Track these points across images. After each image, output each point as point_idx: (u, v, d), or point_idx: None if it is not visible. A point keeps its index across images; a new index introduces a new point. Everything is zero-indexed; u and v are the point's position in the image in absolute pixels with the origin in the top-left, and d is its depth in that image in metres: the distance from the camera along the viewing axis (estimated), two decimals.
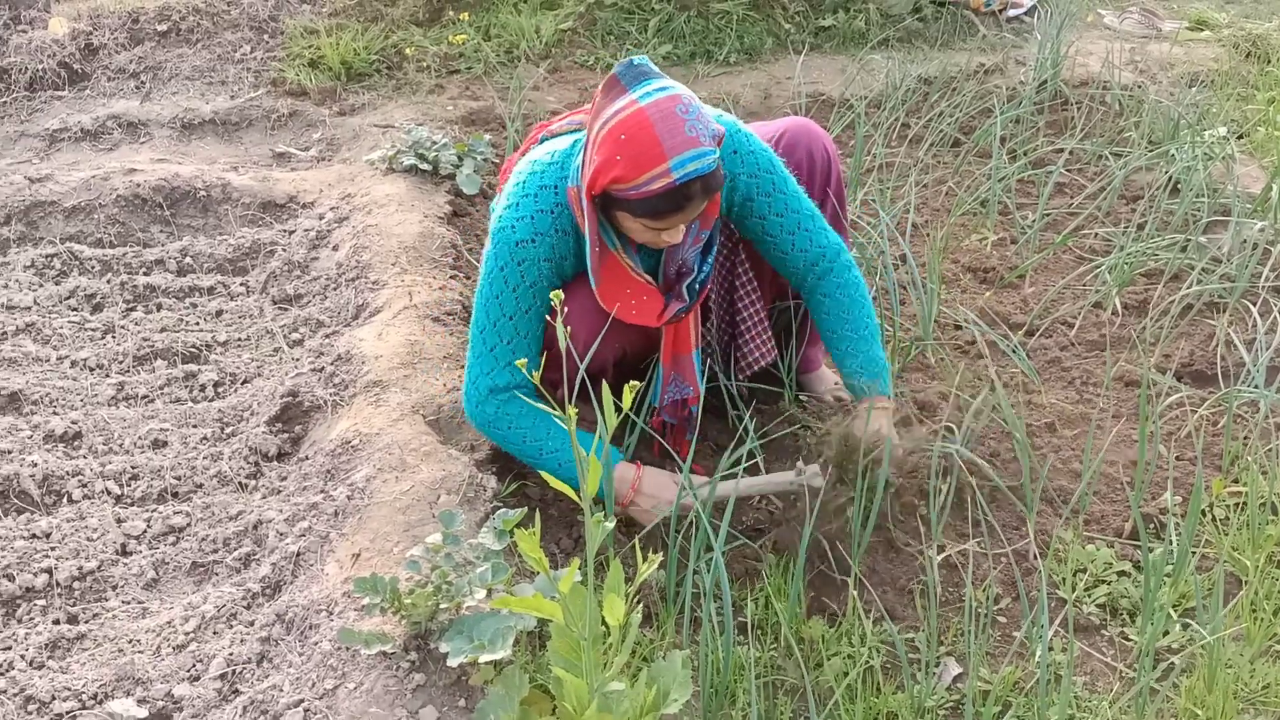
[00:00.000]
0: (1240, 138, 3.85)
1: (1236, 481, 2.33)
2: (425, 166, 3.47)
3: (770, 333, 2.36)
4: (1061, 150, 3.69)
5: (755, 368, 2.37)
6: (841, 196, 2.42)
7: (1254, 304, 2.87)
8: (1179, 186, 3.42)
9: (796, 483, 1.98)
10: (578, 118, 2.18)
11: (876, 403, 2.19)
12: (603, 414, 1.42)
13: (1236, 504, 2.27)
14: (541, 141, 2.19)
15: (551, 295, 1.44)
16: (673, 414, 2.27)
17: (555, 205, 2.05)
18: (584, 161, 1.96)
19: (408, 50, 4.36)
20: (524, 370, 1.55)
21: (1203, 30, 4.93)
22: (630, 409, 1.55)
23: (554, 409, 1.43)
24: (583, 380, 1.71)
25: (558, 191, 2.05)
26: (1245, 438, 2.45)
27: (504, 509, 2.04)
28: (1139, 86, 4.15)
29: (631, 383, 1.43)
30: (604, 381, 1.64)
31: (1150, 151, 3.62)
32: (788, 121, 2.37)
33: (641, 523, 2.12)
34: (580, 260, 2.09)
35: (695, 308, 2.16)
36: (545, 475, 1.53)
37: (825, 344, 2.31)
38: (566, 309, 2.03)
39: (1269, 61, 4.50)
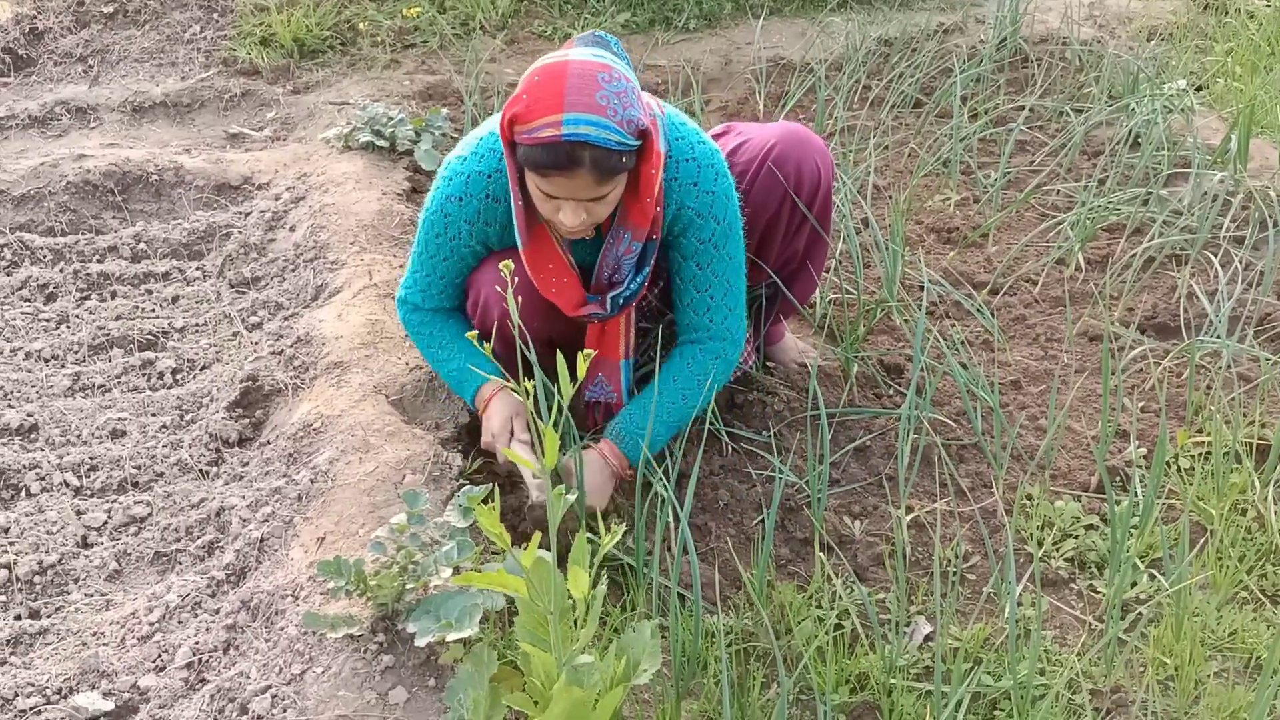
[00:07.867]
0: (1199, 90, 3.85)
1: (1200, 432, 2.34)
2: (382, 143, 3.42)
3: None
4: (1022, 108, 3.68)
5: None
6: (827, 219, 2.30)
7: (1215, 255, 2.88)
8: (1139, 140, 3.43)
9: (534, 482, 2.08)
10: None
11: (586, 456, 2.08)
12: (528, 381, 1.41)
13: (1201, 454, 2.28)
14: None
15: (501, 266, 1.42)
16: (594, 414, 2.24)
17: (495, 170, 2.02)
18: None
19: (361, 25, 4.28)
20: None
21: None
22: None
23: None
24: (517, 353, 1.70)
25: (501, 157, 2.00)
26: (1208, 388, 2.46)
27: (469, 486, 2.02)
28: (1098, 41, 4.14)
29: (586, 351, 1.41)
30: (532, 352, 1.77)
31: (1110, 106, 3.62)
32: (782, 131, 2.23)
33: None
34: (509, 231, 2.06)
35: (627, 319, 2.13)
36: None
37: (643, 387, 2.20)
38: (513, 279, 2.00)
39: (1226, 13, 4.50)
